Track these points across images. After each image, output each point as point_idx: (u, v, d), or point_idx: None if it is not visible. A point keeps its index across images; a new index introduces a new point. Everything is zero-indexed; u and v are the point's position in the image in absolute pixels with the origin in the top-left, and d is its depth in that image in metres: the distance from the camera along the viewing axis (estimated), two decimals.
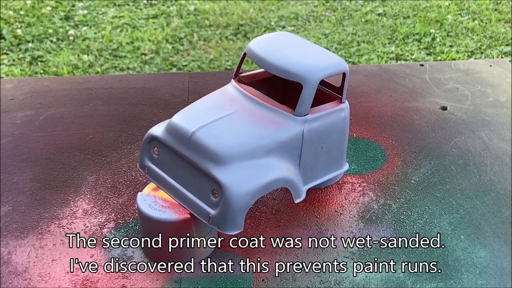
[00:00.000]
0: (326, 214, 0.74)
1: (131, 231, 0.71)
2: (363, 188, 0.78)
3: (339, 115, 0.70)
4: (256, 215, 0.74)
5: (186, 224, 0.63)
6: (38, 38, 2.48)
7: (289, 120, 0.66)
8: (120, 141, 0.88)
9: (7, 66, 2.28)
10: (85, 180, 0.80)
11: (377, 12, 2.73)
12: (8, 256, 0.68)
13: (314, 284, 0.64)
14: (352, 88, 1.02)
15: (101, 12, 2.74)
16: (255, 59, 0.69)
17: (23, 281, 0.64)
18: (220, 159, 0.60)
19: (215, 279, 0.65)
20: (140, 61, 2.32)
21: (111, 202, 0.76)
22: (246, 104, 0.68)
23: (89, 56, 2.34)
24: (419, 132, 0.90)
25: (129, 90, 1.04)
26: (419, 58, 2.34)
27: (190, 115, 0.66)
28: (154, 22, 2.63)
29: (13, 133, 0.91)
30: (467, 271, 0.66)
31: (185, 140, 0.63)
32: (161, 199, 0.65)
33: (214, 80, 1.05)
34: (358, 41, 2.46)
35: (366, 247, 0.69)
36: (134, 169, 0.82)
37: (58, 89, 1.04)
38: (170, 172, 0.65)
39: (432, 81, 1.06)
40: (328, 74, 0.68)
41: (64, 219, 0.73)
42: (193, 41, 2.48)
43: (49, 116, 0.95)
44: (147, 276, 0.65)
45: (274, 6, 2.79)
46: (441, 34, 2.52)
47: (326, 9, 2.79)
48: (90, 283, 0.64)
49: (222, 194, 0.59)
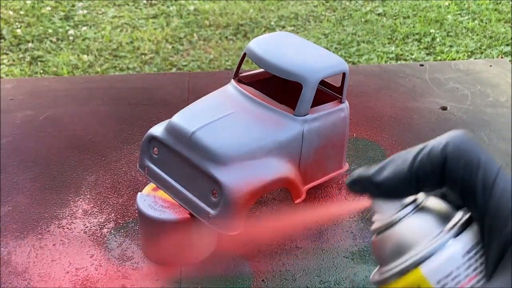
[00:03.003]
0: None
1: (131, 231, 0.71)
2: None
3: (339, 115, 0.70)
4: (256, 215, 0.74)
5: (186, 224, 0.63)
6: (38, 38, 2.48)
7: (289, 120, 0.66)
8: (120, 141, 0.88)
9: (7, 66, 2.28)
10: (85, 180, 0.80)
11: (377, 12, 2.73)
12: (8, 256, 0.67)
13: (314, 284, 0.64)
14: (352, 88, 1.02)
15: (101, 12, 2.74)
16: (255, 59, 0.69)
17: (23, 281, 0.64)
18: (220, 159, 0.60)
19: (215, 279, 0.64)
20: (140, 61, 2.32)
21: (111, 202, 0.76)
22: (246, 104, 0.68)
23: (89, 56, 2.34)
24: (419, 132, 0.90)
25: (129, 90, 1.04)
26: (419, 58, 2.34)
27: (190, 115, 0.66)
28: (154, 22, 2.63)
29: (13, 133, 0.91)
30: None
31: (185, 140, 0.63)
32: (161, 199, 0.65)
33: (214, 80, 1.05)
34: (358, 41, 2.46)
35: (366, 247, 0.69)
36: (134, 169, 0.82)
37: (58, 89, 1.04)
38: (170, 172, 0.65)
39: (432, 81, 1.06)
40: (328, 74, 0.68)
41: (64, 219, 0.73)
42: (193, 41, 2.48)
43: (49, 116, 0.95)
44: (147, 276, 0.65)
45: (274, 6, 2.79)
46: (441, 34, 2.52)
47: (326, 9, 2.79)
48: (90, 283, 0.64)
49: (222, 194, 0.59)
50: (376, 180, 0.30)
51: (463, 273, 0.27)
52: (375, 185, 0.30)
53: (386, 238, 0.30)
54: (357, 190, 0.32)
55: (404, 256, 0.29)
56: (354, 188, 0.32)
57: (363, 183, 0.31)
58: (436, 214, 0.30)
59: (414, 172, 0.29)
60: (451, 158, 0.28)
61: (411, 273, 0.28)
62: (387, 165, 0.30)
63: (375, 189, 0.31)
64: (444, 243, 0.28)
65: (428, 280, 0.27)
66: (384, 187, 0.30)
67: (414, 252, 0.28)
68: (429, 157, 0.29)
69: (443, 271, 0.27)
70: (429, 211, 0.30)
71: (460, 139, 0.29)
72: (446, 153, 0.29)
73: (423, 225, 0.29)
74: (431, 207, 0.30)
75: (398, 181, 0.30)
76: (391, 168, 0.30)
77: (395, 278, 0.29)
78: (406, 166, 0.29)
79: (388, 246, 0.30)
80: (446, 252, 0.27)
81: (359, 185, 0.31)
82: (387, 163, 0.30)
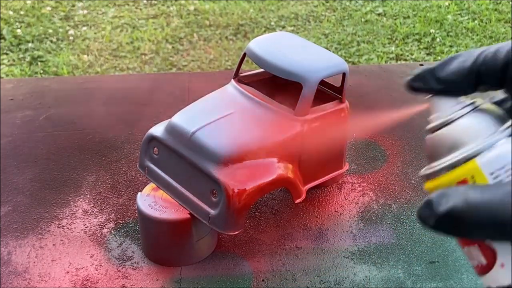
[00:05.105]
0: (326, 214, 0.74)
1: (131, 231, 0.71)
2: (363, 188, 0.78)
3: (339, 115, 0.70)
4: (256, 215, 0.74)
5: (186, 224, 0.63)
6: (38, 38, 2.48)
7: (289, 120, 0.66)
8: (120, 141, 0.88)
9: (7, 66, 2.28)
10: (85, 180, 0.80)
11: (377, 12, 2.73)
12: (8, 256, 0.67)
13: (314, 284, 0.64)
14: (352, 88, 1.02)
15: (101, 12, 2.74)
16: (255, 59, 0.69)
17: (23, 281, 0.64)
18: (220, 159, 0.60)
19: (215, 279, 0.64)
20: (140, 61, 2.32)
21: (111, 202, 0.76)
22: (246, 104, 0.68)
23: (89, 56, 2.34)
24: (419, 132, 0.90)
25: (129, 90, 1.04)
26: (419, 58, 2.34)
27: (190, 115, 0.66)
28: (154, 22, 2.63)
29: (13, 133, 0.91)
30: (467, 271, 0.66)
31: (185, 140, 0.63)
32: (161, 199, 0.65)
33: (214, 80, 1.05)
34: (358, 41, 2.46)
35: (366, 247, 0.69)
36: (134, 169, 0.82)
37: (58, 89, 1.04)
38: (170, 172, 0.65)
39: None
40: (328, 74, 0.68)
41: (64, 219, 0.73)
42: (193, 41, 2.48)
43: (49, 116, 0.95)
44: (147, 276, 0.65)
45: (274, 6, 2.79)
46: (441, 34, 2.52)
47: (326, 9, 2.79)
48: (90, 283, 0.64)
49: (222, 194, 0.59)
50: (440, 74, 0.31)
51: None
52: (438, 78, 0.31)
53: (442, 135, 0.32)
54: (418, 86, 0.32)
55: (460, 150, 0.30)
56: (415, 84, 0.32)
57: (425, 77, 0.31)
58: (492, 117, 0.31)
59: (476, 67, 0.30)
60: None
61: (466, 164, 0.29)
62: (451, 60, 0.31)
63: (437, 84, 0.31)
64: (499, 140, 0.29)
65: (483, 171, 0.29)
66: (447, 81, 0.31)
67: (470, 147, 0.30)
68: (494, 55, 0.30)
69: (497, 163, 0.29)
70: (486, 112, 0.31)
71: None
72: (510, 55, 0.29)
73: (479, 125, 0.31)
74: (488, 109, 0.31)
75: (461, 75, 0.30)
76: (455, 63, 0.31)
77: (449, 169, 0.30)
78: (470, 62, 0.30)
79: (444, 142, 0.31)
80: (501, 147, 0.29)
81: (421, 80, 0.32)
82: (450, 59, 0.31)
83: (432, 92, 0.32)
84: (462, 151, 0.30)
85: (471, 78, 0.30)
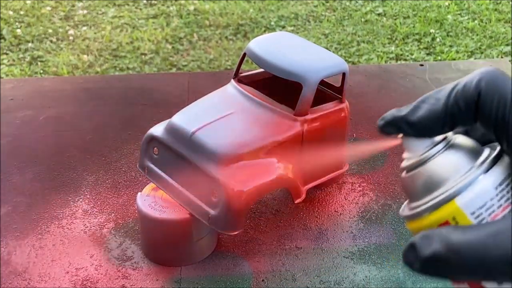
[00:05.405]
0: (326, 214, 0.74)
1: (131, 231, 0.71)
2: (363, 188, 0.78)
3: (339, 115, 0.70)
4: (256, 215, 0.74)
5: (186, 224, 0.63)
6: (38, 38, 2.48)
7: (289, 120, 0.66)
8: (120, 141, 0.88)
9: (7, 66, 2.28)
10: (85, 180, 0.80)
11: (377, 12, 2.73)
12: (8, 256, 0.67)
13: (314, 284, 0.64)
14: (352, 88, 1.02)
15: (101, 12, 2.74)
16: (255, 59, 0.69)
17: (23, 281, 0.64)
18: (220, 159, 0.60)
19: (215, 279, 0.64)
20: (140, 61, 2.32)
21: (111, 202, 0.76)
22: (246, 104, 0.68)
23: (89, 56, 2.34)
24: None
25: (129, 90, 1.04)
26: (419, 58, 2.34)
27: (190, 115, 0.66)
28: (154, 22, 2.63)
29: (13, 133, 0.91)
30: None
31: (185, 140, 0.63)
32: (161, 199, 0.65)
33: (214, 80, 1.05)
34: (358, 41, 2.46)
35: (366, 247, 0.69)
36: (134, 169, 0.82)
37: (58, 89, 1.04)
38: (170, 172, 0.65)
39: (432, 81, 1.06)
40: (328, 74, 0.68)
41: (64, 219, 0.73)
42: (193, 41, 2.48)
43: (49, 116, 0.95)
44: (147, 276, 0.65)
45: (274, 6, 2.79)
46: (441, 34, 2.52)
47: (326, 9, 2.79)
48: (90, 283, 0.64)
49: (221, 194, 0.59)
50: (411, 119, 0.31)
51: (496, 204, 0.28)
52: (410, 124, 0.31)
53: (418, 175, 0.31)
54: (390, 131, 0.32)
55: (438, 191, 0.30)
56: (386, 129, 0.32)
57: (396, 123, 0.31)
58: (466, 151, 0.31)
59: (449, 109, 0.30)
60: (484, 93, 0.29)
61: (446, 206, 0.29)
62: (420, 104, 0.31)
63: (410, 129, 0.31)
64: (477, 177, 0.29)
65: (464, 211, 0.29)
66: (419, 126, 0.31)
67: (448, 187, 0.29)
68: (463, 93, 0.29)
69: (477, 202, 0.28)
70: (459, 148, 0.31)
71: (492, 74, 0.29)
72: (480, 89, 0.29)
73: (454, 161, 0.30)
74: (461, 144, 0.31)
75: (433, 119, 0.30)
76: (426, 106, 0.30)
77: (429, 211, 0.30)
78: (441, 104, 0.30)
79: (420, 182, 0.31)
80: (479, 185, 0.29)
81: (393, 126, 0.32)
82: (420, 102, 0.31)
83: (406, 134, 0.32)
84: (440, 192, 0.29)
85: (446, 119, 0.30)
